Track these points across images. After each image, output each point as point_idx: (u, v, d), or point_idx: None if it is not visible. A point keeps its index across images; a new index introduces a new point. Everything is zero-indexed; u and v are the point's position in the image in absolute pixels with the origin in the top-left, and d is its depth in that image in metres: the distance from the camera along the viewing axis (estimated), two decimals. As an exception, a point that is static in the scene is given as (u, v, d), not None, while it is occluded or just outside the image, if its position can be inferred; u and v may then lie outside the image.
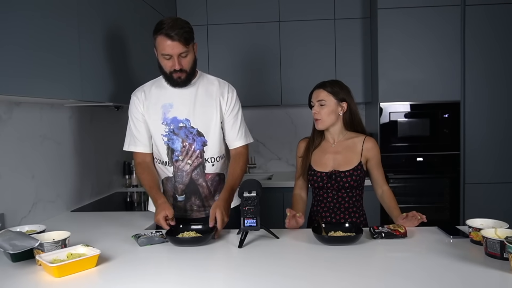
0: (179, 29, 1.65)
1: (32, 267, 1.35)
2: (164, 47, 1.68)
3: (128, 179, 2.94)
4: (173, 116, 1.80)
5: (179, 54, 1.69)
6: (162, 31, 1.66)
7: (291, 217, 1.69)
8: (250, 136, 1.94)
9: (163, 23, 1.68)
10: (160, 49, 1.70)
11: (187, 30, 1.69)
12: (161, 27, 1.67)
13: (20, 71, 1.48)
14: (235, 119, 1.86)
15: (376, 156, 1.86)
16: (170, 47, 1.67)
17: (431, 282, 1.18)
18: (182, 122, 1.80)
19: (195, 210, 1.89)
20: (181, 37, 1.66)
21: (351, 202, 1.85)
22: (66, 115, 2.25)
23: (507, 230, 1.38)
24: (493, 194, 3.03)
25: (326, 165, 1.85)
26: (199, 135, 1.81)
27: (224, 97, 1.83)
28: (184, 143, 1.81)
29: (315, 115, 1.85)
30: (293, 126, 3.58)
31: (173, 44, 1.66)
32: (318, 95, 1.84)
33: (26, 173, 1.91)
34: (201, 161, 1.83)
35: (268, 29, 3.32)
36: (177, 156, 1.82)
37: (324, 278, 1.22)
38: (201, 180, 1.85)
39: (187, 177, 1.84)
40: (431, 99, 3.03)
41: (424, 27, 2.99)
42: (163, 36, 1.66)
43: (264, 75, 3.33)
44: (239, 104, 1.89)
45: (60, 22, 1.73)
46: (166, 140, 1.81)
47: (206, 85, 1.84)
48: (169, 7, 3.25)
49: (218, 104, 1.82)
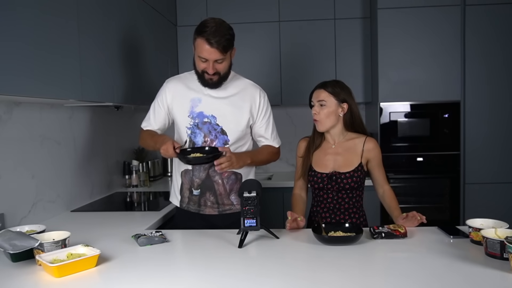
0: (220, 37, 1.67)
1: (32, 267, 1.35)
2: (202, 50, 1.70)
3: (128, 179, 2.94)
4: (200, 110, 1.84)
5: (215, 60, 1.72)
6: (203, 35, 1.68)
7: (292, 220, 1.68)
8: (279, 137, 2.02)
9: (206, 26, 1.69)
10: (198, 51, 1.73)
11: (227, 38, 1.71)
12: (204, 29, 1.68)
13: (20, 71, 1.48)
14: (267, 123, 1.93)
15: (377, 157, 1.86)
16: (208, 52, 1.70)
17: (431, 282, 1.18)
18: (207, 117, 1.84)
19: (208, 206, 1.90)
20: (220, 45, 1.68)
21: (351, 203, 1.85)
22: (66, 115, 2.25)
23: (507, 230, 1.38)
24: (493, 194, 3.03)
25: (327, 166, 1.85)
26: (223, 133, 1.84)
27: (256, 102, 1.88)
28: (205, 138, 1.84)
29: (315, 116, 1.84)
30: (293, 126, 3.58)
31: (211, 50, 1.69)
32: (319, 95, 1.84)
33: (26, 173, 1.91)
34: None
35: (268, 29, 3.32)
36: None
37: (324, 278, 1.22)
38: (217, 177, 1.87)
39: (204, 172, 1.86)
40: (431, 99, 3.03)
41: (424, 27, 2.99)
42: (203, 40, 1.68)
43: (264, 75, 3.32)
44: (270, 108, 1.95)
45: (60, 22, 1.73)
46: (189, 133, 1.85)
47: (238, 87, 1.88)
48: (169, 7, 3.25)
49: (248, 107, 1.86)
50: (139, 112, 3.24)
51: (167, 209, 2.23)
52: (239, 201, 1.90)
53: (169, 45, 3.23)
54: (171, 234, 1.68)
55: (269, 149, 1.97)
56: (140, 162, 2.98)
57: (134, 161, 2.96)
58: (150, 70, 2.76)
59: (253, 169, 2.00)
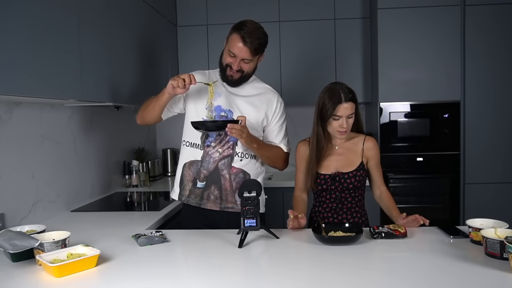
0: (255, 38, 1.74)
1: (32, 267, 1.35)
2: (234, 45, 1.76)
3: (128, 179, 2.94)
4: (218, 104, 1.86)
5: (242, 59, 1.77)
6: (240, 32, 1.74)
7: (293, 218, 1.68)
8: (290, 145, 2.01)
9: (245, 24, 1.76)
10: (230, 45, 1.78)
11: (261, 42, 1.78)
12: (242, 27, 1.75)
13: (20, 71, 1.48)
14: (280, 129, 1.95)
15: (376, 156, 1.86)
16: (239, 49, 1.75)
17: (431, 282, 1.18)
18: (224, 111, 1.85)
19: (211, 201, 1.88)
20: (252, 45, 1.74)
21: (354, 202, 1.85)
22: (66, 115, 2.25)
23: (507, 230, 1.38)
24: (493, 194, 3.03)
25: (329, 167, 1.84)
26: None
27: (273, 106, 1.91)
28: (220, 132, 1.84)
29: (342, 128, 1.75)
30: (293, 126, 3.56)
31: (243, 48, 1.75)
32: (348, 109, 1.73)
33: (26, 173, 1.92)
34: (231, 153, 1.86)
35: (269, 29, 3.30)
36: (210, 142, 1.86)
37: (324, 278, 1.22)
38: (225, 171, 1.87)
39: (214, 164, 1.86)
40: (431, 99, 3.03)
41: (424, 27, 2.99)
42: (239, 37, 1.74)
43: (264, 75, 3.29)
44: (285, 115, 1.97)
45: (60, 22, 1.73)
46: None
47: (257, 89, 1.92)
48: (169, 7, 3.25)
49: (265, 109, 1.89)
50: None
51: (167, 209, 2.23)
52: None
53: (169, 45, 3.22)
54: (171, 234, 1.68)
55: (279, 150, 1.95)
56: (140, 162, 2.98)
57: (134, 161, 2.96)
58: (150, 70, 2.76)
59: (262, 173, 1.98)
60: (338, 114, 1.73)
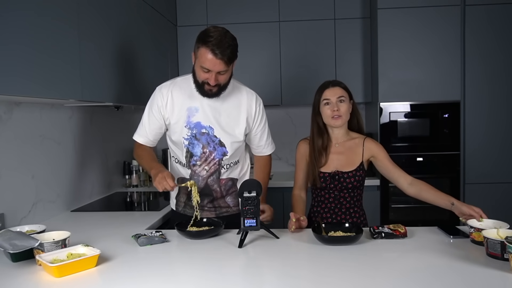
0: (225, 48, 1.60)
1: (32, 267, 1.35)
2: (205, 60, 1.62)
3: (128, 179, 2.94)
4: (197, 120, 1.78)
5: (218, 72, 1.64)
6: (208, 45, 1.59)
7: (295, 222, 1.68)
8: (273, 143, 1.99)
9: (210, 35, 1.60)
10: (200, 60, 1.64)
11: (232, 49, 1.63)
12: (208, 39, 1.60)
13: (20, 71, 1.48)
14: (263, 131, 1.90)
15: (382, 151, 1.85)
16: (212, 64, 1.61)
17: (431, 282, 1.18)
18: (205, 128, 1.78)
19: (206, 210, 1.90)
20: (225, 56, 1.60)
21: (352, 202, 1.85)
22: (66, 115, 2.25)
23: (508, 230, 1.38)
24: (493, 194, 3.02)
25: (329, 165, 1.85)
26: (221, 145, 1.80)
27: (252, 109, 1.84)
28: (204, 150, 1.80)
29: (336, 112, 1.78)
30: (293, 126, 3.57)
31: (216, 62, 1.61)
32: (336, 92, 1.81)
33: (26, 173, 1.91)
34: (218, 168, 1.84)
35: (269, 29, 3.32)
36: (195, 161, 1.82)
37: (324, 278, 1.22)
38: (215, 185, 1.87)
39: (203, 182, 1.84)
40: (431, 99, 3.03)
41: (424, 27, 2.99)
42: (208, 50, 1.60)
43: (264, 75, 3.32)
44: (265, 115, 1.91)
45: (60, 22, 1.73)
46: (187, 143, 1.80)
47: (235, 96, 1.82)
48: (169, 7, 3.25)
49: (245, 115, 1.82)
50: (139, 112, 3.23)
51: (167, 209, 2.23)
52: (235, 202, 1.91)
53: (169, 45, 3.22)
54: (171, 234, 1.68)
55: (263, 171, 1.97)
56: (140, 162, 2.98)
57: (134, 161, 2.95)
58: (150, 70, 2.76)
59: (248, 172, 1.98)
60: (326, 97, 1.81)
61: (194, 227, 1.71)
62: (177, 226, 1.67)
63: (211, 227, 1.69)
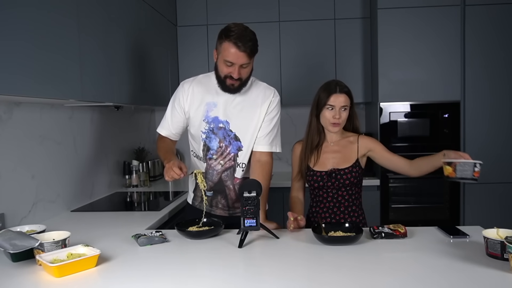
0: (247, 40, 1.67)
1: (32, 267, 1.35)
2: (229, 54, 1.67)
3: (128, 179, 2.94)
4: (215, 115, 1.82)
5: (241, 65, 1.70)
6: (231, 39, 1.66)
7: (293, 221, 1.68)
8: (279, 146, 1.91)
9: (231, 30, 1.67)
10: (224, 55, 1.69)
11: (254, 42, 1.70)
12: (230, 34, 1.67)
13: (20, 71, 1.48)
14: (268, 123, 1.86)
15: (378, 144, 1.87)
16: (235, 56, 1.67)
17: (431, 282, 1.18)
18: (222, 123, 1.82)
19: (219, 208, 1.92)
20: (247, 48, 1.67)
21: (351, 200, 1.86)
22: (66, 115, 2.25)
23: (508, 230, 1.38)
24: (493, 194, 3.03)
25: (325, 164, 1.85)
26: (236, 140, 1.83)
27: (267, 102, 1.84)
28: (221, 144, 1.83)
29: (335, 119, 1.79)
30: (293, 126, 3.57)
31: (239, 54, 1.67)
32: (341, 100, 1.79)
33: (26, 173, 1.91)
34: (233, 164, 1.86)
35: (269, 29, 3.32)
36: (212, 154, 1.85)
37: (324, 278, 1.22)
38: (229, 182, 1.88)
39: (217, 176, 1.87)
40: (431, 99, 3.03)
41: (424, 27, 2.99)
42: (231, 44, 1.66)
43: (264, 75, 3.29)
44: (277, 111, 1.89)
45: (60, 22, 1.73)
46: (204, 137, 1.84)
47: (253, 93, 1.85)
48: (169, 7, 3.25)
49: (260, 111, 1.83)
50: (139, 112, 3.25)
51: (167, 209, 2.23)
52: None
53: (169, 45, 3.22)
54: (171, 234, 1.68)
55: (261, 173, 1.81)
56: (140, 162, 2.98)
57: (134, 161, 2.96)
58: (150, 70, 2.76)
59: None
60: (331, 103, 1.79)
61: (194, 227, 1.71)
62: (177, 226, 1.67)
63: (211, 227, 1.70)
